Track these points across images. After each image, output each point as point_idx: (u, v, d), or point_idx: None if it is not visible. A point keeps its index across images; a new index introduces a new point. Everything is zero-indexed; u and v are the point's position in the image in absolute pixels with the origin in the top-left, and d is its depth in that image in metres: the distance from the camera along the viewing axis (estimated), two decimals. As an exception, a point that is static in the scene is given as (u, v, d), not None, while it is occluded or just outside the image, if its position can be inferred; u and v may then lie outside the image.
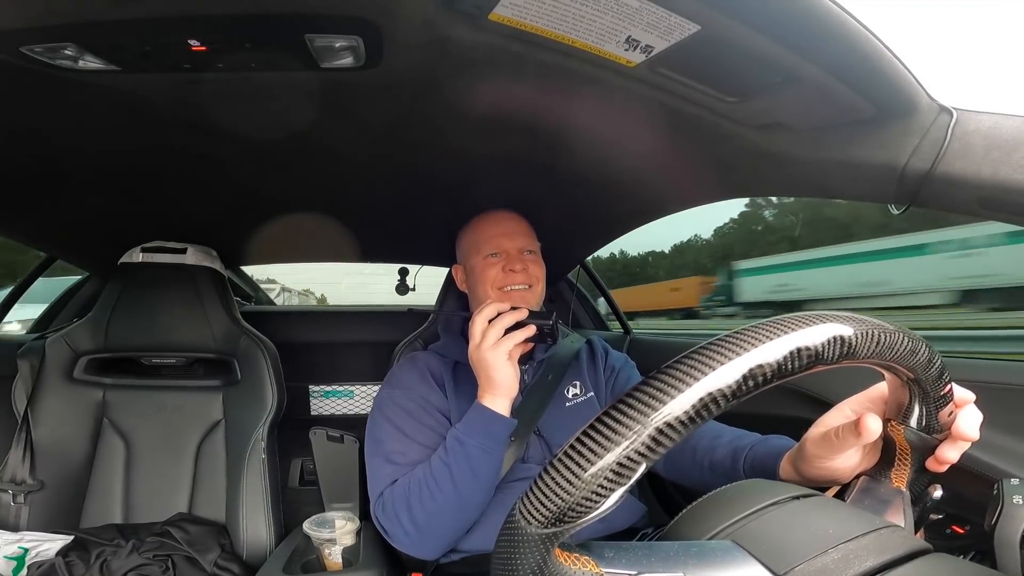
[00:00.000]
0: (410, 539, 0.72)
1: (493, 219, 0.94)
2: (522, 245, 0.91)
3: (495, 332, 0.73)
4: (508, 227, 0.92)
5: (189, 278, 1.15)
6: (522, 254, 0.90)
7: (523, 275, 0.88)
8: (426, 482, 0.72)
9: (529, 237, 0.93)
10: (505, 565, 0.26)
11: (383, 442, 0.81)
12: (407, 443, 0.79)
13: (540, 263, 0.93)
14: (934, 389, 0.36)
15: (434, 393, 0.85)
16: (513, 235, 0.91)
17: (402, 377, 0.89)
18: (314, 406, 1.57)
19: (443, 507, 0.71)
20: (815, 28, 0.47)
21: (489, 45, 0.52)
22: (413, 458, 0.78)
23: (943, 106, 0.55)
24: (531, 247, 0.92)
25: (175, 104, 0.64)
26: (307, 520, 0.93)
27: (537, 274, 0.91)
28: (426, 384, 0.86)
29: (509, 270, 0.88)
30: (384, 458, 0.79)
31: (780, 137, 0.65)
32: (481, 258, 0.90)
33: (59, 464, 1.09)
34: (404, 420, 0.82)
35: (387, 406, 0.84)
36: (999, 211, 0.55)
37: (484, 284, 0.89)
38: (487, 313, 0.75)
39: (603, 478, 0.23)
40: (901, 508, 0.38)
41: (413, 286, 1.49)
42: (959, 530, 0.55)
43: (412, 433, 0.80)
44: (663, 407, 0.22)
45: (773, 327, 0.24)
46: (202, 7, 0.47)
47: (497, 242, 0.90)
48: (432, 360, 0.91)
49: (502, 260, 0.89)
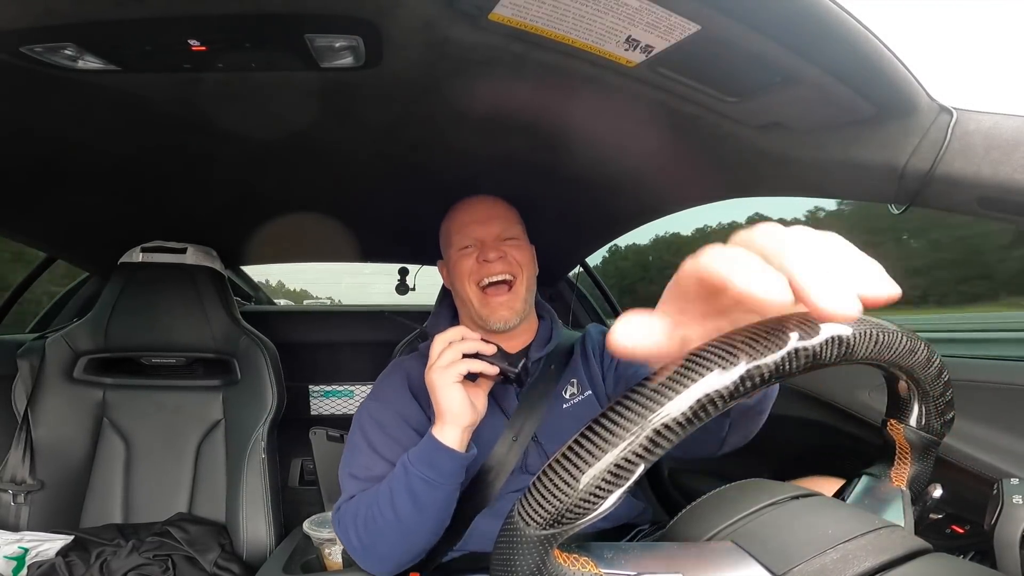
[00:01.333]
0: (358, 556, 0.71)
1: (465, 206, 0.85)
2: (498, 231, 0.82)
3: (450, 354, 0.66)
4: (480, 212, 0.83)
5: (189, 278, 1.16)
6: (499, 241, 0.81)
7: (501, 263, 0.79)
8: (373, 503, 0.69)
9: (507, 221, 0.84)
10: (504, 566, 0.26)
11: (352, 455, 0.78)
12: (373, 458, 0.75)
13: (524, 248, 0.84)
14: (933, 388, 0.36)
15: (410, 406, 0.80)
16: (486, 221, 0.82)
17: (383, 388, 0.84)
18: (314, 406, 1.57)
19: (384, 531, 0.67)
20: (815, 28, 0.47)
21: (489, 45, 0.52)
22: (376, 472, 0.74)
23: (943, 106, 0.55)
24: (510, 233, 0.83)
25: (175, 104, 0.64)
26: (307, 520, 0.93)
27: (520, 260, 0.82)
28: (403, 397, 0.81)
29: (483, 260, 0.79)
30: (349, 472, 0.76)
31: (780, 137, 0.65)
32: (455, 251, 0.83)
33: (59, 464, 1.09)
34: (375, 434, 0.77)
35: (363, 418, 0.80)
36: (999, 211, 0.55)
37: (461, 279, 0.82)
38: (450, 335, 0.67)
39: (601, 479, 0.23)
40: (901, 507, 0.38)
41: (413, 286, 1.49)
42: (959, 530, 0.55)
43: (380, 448, 0.76)
44: (661, 408, 0.22)
45: (771, 328, 0.24)
46: (202, 7, 0.47)
47: (469, 231, 0.82)
48: (417, 367, 0.83)
49: (476, 250, 0.81)
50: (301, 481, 1.46)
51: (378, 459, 0.75)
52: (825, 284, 0.21)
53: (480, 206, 0.84)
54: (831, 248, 0.23)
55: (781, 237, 0.23)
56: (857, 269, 0.22)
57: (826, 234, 0.23)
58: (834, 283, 0.21)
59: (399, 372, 0.85)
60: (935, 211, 0.60)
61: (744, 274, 0.22)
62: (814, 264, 0.22)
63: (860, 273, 0.22)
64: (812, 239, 0.23)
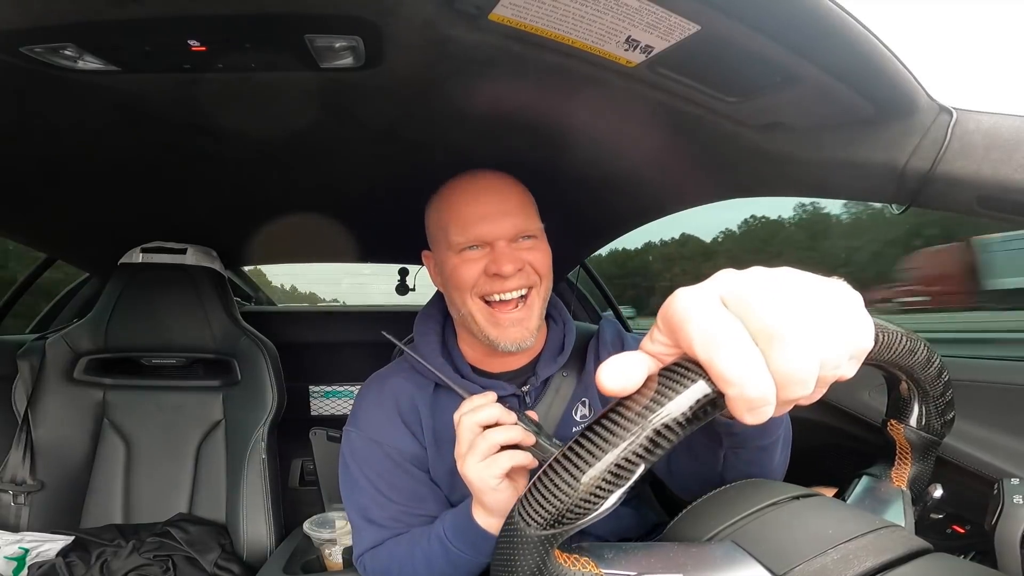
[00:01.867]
0: None
1: (469, 192, 0.67)
2: (514, 230, 0.64)
3: (483, 445, 0.52)
4: (491, 206, 0.65)
5: (189, 278, 1.15)
6: (516, 243, 0.65)
7: (518, 278, 0.64)
8: (407, 563, 0.63)
9: (524, 216, 0.66)
10: (505, 566, 0.26)
11: (356, 493, 0.69)
12: (383, 502, 0.67)
13: (543, 248, 0.68)
14: (933, 388, 0.36)
15: (405, 439, 0.69)
16: (498, 218, 0.64)
17: (369, 416, 0.71)
18: (314, 406, 1.57)
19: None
20: (815, 28, 0.47)
21: (489, 45, 0.52)
22: (392, 513, 0.67)
23: (943, 106, 0.55)
24: (528, 229, 0.66)
25: (175, 104, 0.64)
26: (307, 520, 0.93)
27: (540, 267, 0.66)
28: (395, 429, 0.69)
29: (495, 274, 0.63)
30: (361, 514, 0.68)
31: (780, 137, 0.65)
32: (453, 252, 0.66)
33: (59, 464, 1.09)
34: (376, 476, 0.68)
35: (356, 452, 0.70)
36: (999, 211, 0.55)
37: (460, 290, 0.65)
38: (481, 416, 0.52)
39: (602, 480, 0.23)
40: (902, 507, 0.38)
41: (413, 286, 1.49)
42: (959, 530, 0.55)
43: (387, 491, 0.67)
44: (661, 408, 0.23)
45: None
46: (202, 7, 0.46)
47: (475, 230, 0.64)
48: (405, 387, 0.71)
49: (485, 257, 0.64)
50: (301, 481, 1.46)
51: (389, 503, 0.68)
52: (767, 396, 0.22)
53: (489, 196, 0.66)
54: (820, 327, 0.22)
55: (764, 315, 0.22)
56: (837, 340, 0.23)
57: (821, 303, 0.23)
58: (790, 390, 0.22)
59: (385, 395, 0.72)
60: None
61: (726, 364, 0.22)
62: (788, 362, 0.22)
63: (837, 346, 0.23)
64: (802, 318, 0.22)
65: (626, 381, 0.24)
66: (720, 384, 0.22)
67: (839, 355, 0.23)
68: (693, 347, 0.23)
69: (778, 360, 0.22)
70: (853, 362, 0.24)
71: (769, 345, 0.22)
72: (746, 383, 0.21)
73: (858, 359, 0.24)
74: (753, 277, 0.24)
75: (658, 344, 0.25)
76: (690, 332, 0.23)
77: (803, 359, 0.22)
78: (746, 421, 0.22)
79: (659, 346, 0.25)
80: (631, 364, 0.25)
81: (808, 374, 0.22)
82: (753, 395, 0.21)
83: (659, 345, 0.25)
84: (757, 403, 0.22)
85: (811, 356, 0.22)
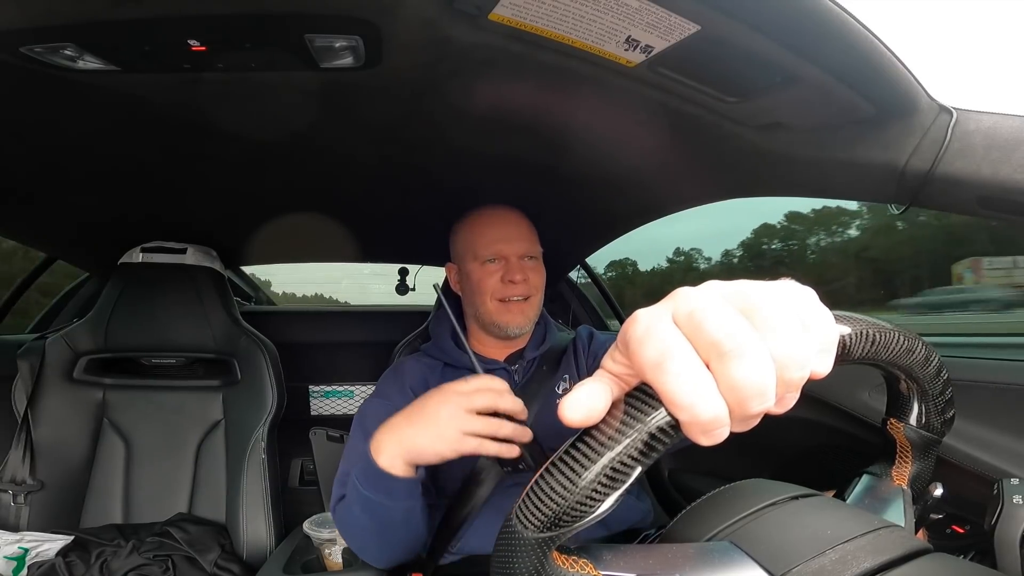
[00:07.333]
0: (356, 552, 0.73)
1: (493, 220, 0.89)
2: (523, 251, 0.87)
3: (482, 398, 0.62)
4: (508, 231, 0.87)
5: (189, 278, 1.15)
6: (523, 260, 0.86)
7: (523, 286, 0.85)
8: (352, 512, 0.68)
9: (531, 241, 0.89)
10: (504, 568, 0.26)
11: (350, 449, 0.78)
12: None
13: (541, 270, 0.89)
14: (932, 387, 0.36)
15: (409, 401, 0.78)
16: (514, 240, 0.86)
17: (385, 387, 0.86)
18: (314, 406, 1.57)
19: (366, 536, 0.69)
20: (815, 28, 0.47)
21: (489, 45, 0.52)
22: None
23: (943, 106, 0.55)
24: (532, 252, 0.88)
25: (175, 104, 0.64)
26: (307, 520, 0.93)
27: (537, 283, 0.87)
28: (403, 394, 0.81)
29: (509, 281, 0.84)
30: (344, 468, 0.76)
31: (780, 137, 0.65)
32: (478, 264, 0.86)
33: (59, 464, 1.09)
34: (373, 427, 0.73)
35: (365, 414, 0.81)
36: (999, 211, 0.55)
37: (481, 293, 0.86)
38: (499, 383, 0.64)
39: (599, 482, 0.23)
40: (902, 507, 0.38)
41: (413, 286, 1.49)
42: (959, 530, 0.55)
43: None
44: (657, 411, 0.22)
45: None
46: (202, 7, 0.47)
47: (497, 248, 0.86)
48: (418, 366, 0.87)
49: (501, 268, 0.85)
50: (301, 481, 1.46)
51: None
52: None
53: (508, 224, 0.88)
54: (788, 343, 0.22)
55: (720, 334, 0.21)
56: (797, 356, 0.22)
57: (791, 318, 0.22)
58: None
59: (401, 371, 0.87)
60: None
61: (673, 388, 0.21)
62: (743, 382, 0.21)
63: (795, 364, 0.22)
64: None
65: (588, 412, 0.24)
66: (671, 409, 0.22)
67: (803, 353, 0.22)
68: (644, 372, 0.22)
69: (728, 376, 0.21)
70: (824, 355, 0.23)
71: (719, 361, 0.21)
72: (696, 406, 0.21)
73: (828, 351, 0.23)
74: (701, 293, 0.23)
75: (619, 365, 0.25)
76: (641, 356, 0.22)
77: (753, 370, 0.21)
78: (702, 443, 0.22)
79: (620, 366, 0.25)
80: (593, 394, 0.24)
81: (763, 385, 0.21)
82: (705, 418, 0.21)
83: (620, 366, 0.25)
84: (710, 426, 0.21)
85: (762, 366, 0.21)
